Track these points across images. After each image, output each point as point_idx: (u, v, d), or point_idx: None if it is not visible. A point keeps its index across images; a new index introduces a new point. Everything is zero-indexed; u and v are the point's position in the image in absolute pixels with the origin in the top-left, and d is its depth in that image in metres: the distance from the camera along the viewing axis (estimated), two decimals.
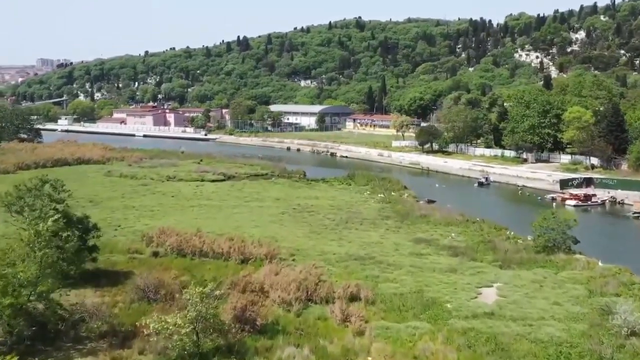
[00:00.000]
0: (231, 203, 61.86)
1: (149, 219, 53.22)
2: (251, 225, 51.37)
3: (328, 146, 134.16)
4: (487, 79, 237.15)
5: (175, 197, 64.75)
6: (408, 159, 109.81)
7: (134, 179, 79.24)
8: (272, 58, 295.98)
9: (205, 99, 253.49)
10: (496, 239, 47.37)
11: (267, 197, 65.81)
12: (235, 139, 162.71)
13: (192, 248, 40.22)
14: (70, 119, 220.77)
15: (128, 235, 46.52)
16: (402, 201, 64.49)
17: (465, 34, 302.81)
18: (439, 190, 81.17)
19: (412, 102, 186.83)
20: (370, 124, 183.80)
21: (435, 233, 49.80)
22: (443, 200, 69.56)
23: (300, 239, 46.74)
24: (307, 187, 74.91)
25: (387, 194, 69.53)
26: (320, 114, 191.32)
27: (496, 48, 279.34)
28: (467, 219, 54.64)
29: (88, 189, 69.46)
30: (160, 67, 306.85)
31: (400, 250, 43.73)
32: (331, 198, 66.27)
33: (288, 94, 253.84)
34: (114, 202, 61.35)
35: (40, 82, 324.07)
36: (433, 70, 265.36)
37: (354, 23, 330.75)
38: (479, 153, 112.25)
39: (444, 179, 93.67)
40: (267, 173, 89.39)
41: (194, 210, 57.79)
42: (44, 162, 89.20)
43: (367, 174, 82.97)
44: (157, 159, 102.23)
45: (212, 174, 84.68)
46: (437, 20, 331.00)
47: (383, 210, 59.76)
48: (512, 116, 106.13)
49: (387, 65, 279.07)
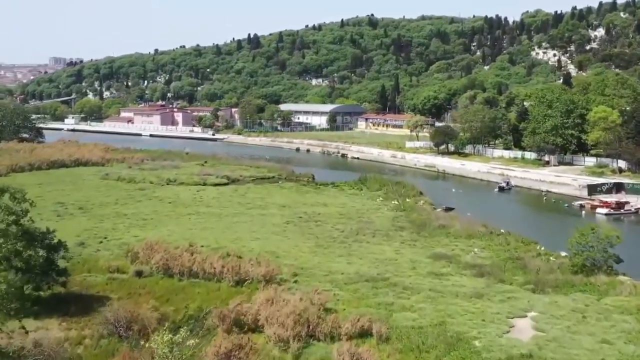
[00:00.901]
0: (232, 211, 56.97)
1: (139, 229, 48.45)
2: (251, 237, 46.46)
3: (339, 147, 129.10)
4: (503, 78, 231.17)
5: (173, 204, 59.96)
6: (423, 161, 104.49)
7: (132, 182, 74.63)
8: (283, 56, 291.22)
9: (214, 98, 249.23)
10: (525, 255, 42.08)
11: (271, 204, 60.88)
12: (243, 139, 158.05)
13: (181, 267, 35.31)
14: (78, 118, 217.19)
15: (113, 249, 41.74)
16: (417, 209, 59.29)
17: (481, 31, 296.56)
18: (456, 195, 75.90)
19: (426, 101, 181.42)
20: (382, 124, 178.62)
21: (455, 247, 44.61)
22: (462, 208, 64.40)
23: (305, 254, 41.73)
24: (315, 192, 69.88)
25: (401, 200, 64.37)
26: (332, 113, 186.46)
27: (512, 46, 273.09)
28: (490, 231, 49.35)
29: (81, 193, 64.91)
30: (169, 66, 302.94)
31: (418, 269, 38.61)
32: (341, 205, 61.21)
33: (299, 92, 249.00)
34: (105, 209, 56.66)
35: (50, 80, 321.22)
36: (447, 68, 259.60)
37: (366, 21, 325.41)
38: (498, 155, 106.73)
39: (461, 182, 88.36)
40: (273, 176, 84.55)
41: (191, 219, 52.94)
42: (39, 164, 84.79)
43: (380, 178, 77.74)
44: (160, 161, 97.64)
45: (215, 177, 79.91)
46: (451, 18, 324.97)
47: (397, 219, 54.62)
48: (533, 116, 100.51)
49: (400, 64, 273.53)
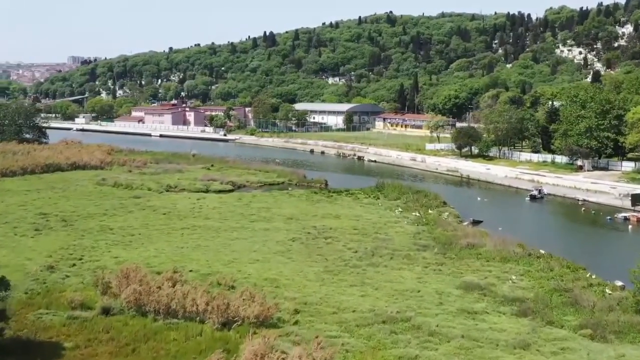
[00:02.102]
0: (232, 224, 50.60)
1: (123, 247, 42.25)
2: (250, 258, 40.04)
3: (355, 149, 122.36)
4: (526, 76, 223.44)
5: (167, 215, 53.75)
6: (445, 165, 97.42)
7: (129, 189, 68.71)
8: (299, 54, 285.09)
9: (229, 97, 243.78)
10: (574, 285, 35.19)
11: (277, 216, 54.42)
12: (255, 140, 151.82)
13: (157, 303, 28.94)
14: (88, 117, 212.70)
15: (85, 274, 35.54)
16: (441, 222, 52.49)
17: (502, 28, 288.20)
18: (482, 205, 68.87)
19: (446, 101, 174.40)
20: (401, 124, 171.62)
21: (489, 274, 37.79)
22: (490, 220, 57.47)
23: (311, 283, 35.20)
24: (328, 201, 63.30)
25: (423, 211, 57.64)
26: (348, 113, 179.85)
27: (535, 43, 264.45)
28: (528, 252, 42.38)
29: (69, 202, 58.99)
30: (184, 64, 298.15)
31: (446, 305, 31.93)
32: (355, 217, 54.59)
33: (315, 91, 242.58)
34: (90, 221, 50.57)
35: (63, 79, 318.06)
36: (468, 66, 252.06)
37: (384, 18, 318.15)
38: (525, 158, 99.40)
39: (486, 189, 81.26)
40: (283, 182, 78.52)
41: (184, 235, 46.62)
42: (32, 168, 79.10)
43: (399, 185, 70.90)
44: (164, 163, 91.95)
45: (219, 183, 73.94)
46: (472, 15, 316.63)
47: (419, 235, 47.90)
48: (565, 117, 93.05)
49: (420, 62, 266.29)
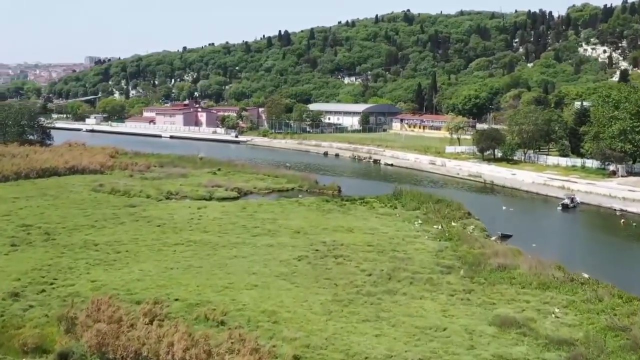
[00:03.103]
0: (232, 239, 45.26)
1: (104, 268, 37.12)
2: (247, 283, 34.70)
3: (371, 151, 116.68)
4: (548, 76, 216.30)
5: (161, 228, 48.55)
6: (466, 170, 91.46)
7: (126, 196, 63.78)
8: (314, 53, 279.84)
9: (242, 97, 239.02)
10: (631, 322, 29.40)
11: (283, 229, 49.04)
12: (268, 142, 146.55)
13: (124, 350, 23.71)
14: (100, 117, 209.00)
15: (53, 303, 30.42)
16: (467, 237, 46.76)
17: (523, 26, 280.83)
18: (509, 215, 63.00)
19: (466, 101, 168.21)
20: (419, 125, 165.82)
21: (526, 305, 32.11)
22: (521, 234, 51.75)
23: (316, 317, 29.74)
24: (340, 210, 57.80)
25: (445, 223, 52.00)
26: (364, 113, 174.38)
27: (558, 42, 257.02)
28: (571, 277, 36.54)
29: (58, 211, 54.07)
30: (197, 64, 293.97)
31: (478, 349, 26.33)
32: (370, 231, 49.03)
33: (330, 91, 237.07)
34: (75, 235, 45.54)
35: (77, 79, 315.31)
36: (488, 66, 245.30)
37: (402, 16, 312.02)
38: (552, 162, 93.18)
39: (512, 197, 75.28)
40: (293, 188, 73.27)
41: (176, 252, 41.36)
42: (27, 172, 74.53)
43: (418, 193, 65.10)
44: (169, 167, 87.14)
45: (224, 189, 68.82)
46: (491, 13, 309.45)
47: (442, 254, 42.25)
48: (596, 118, 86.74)
49: (438, 61, 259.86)
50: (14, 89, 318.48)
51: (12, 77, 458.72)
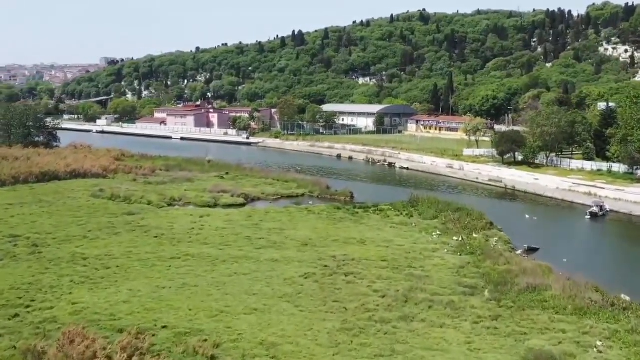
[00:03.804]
0: (234, 252, 41.59)
1: (89, 287, 33.59)
2: (246, 306, 30.96)
3: (385, 154, 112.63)
4: (568, 76, 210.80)
5: (159, 239, 44.99)
6: (486, 174, 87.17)
7: (126, 202, 60.36)
8: (328, 54, 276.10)
9: (255, 98, 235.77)
10: None
11: (290, 240, 45.29)
12: (279, 144, 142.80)
13: None
14: (111, 118, 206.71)
15: (24, 331, 26.88)
16: (490, 251, 42.73)
17: (542, 26, 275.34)
18: (533, 224, 58.85)
19: (484, 102, 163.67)
20: (435, 127, 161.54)
21: (563, 335, 28.07)
22: (548, 247, 47.73)
23: (321, 350, 25.91)
24: (352, 219, 53.97)
25: (466, 235, 48.01)
26: (379, 114, 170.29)
27: (577, 41, 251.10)
28: (610, 301, 32.44)
29: (52, 220, 50.74)
30: (210, 64, 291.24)
31: None
32: (384, 243, 45.17)
33: (344, 92, 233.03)
34: (65, 247, 42.10)
35: (90, 79, 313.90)
36: (505, 66, 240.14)
37: (417, 16, 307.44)
38: (576, 167, 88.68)
39: (535, 203, 70.98)
40: (303, 194, 69.51)
41: (172, 268, 37.74)
42: (25, 177, 71.35)
43: (436, 200, 60.99)
44: (175, 171, 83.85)
45: (230, 195, 65.20)
46: (509, 12, 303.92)
47: (463, 271, 38.30)
48: (624, 120, 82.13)
49: (454, 61, 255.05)
50: (27, 90, 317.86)
51: (28, 78, 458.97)
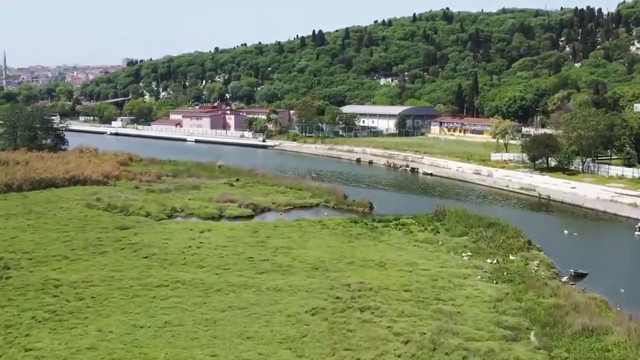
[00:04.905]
0: (232, 278, 35.78)
1: (51, 327, 27.99)
2: (237, 355, 25.15)
3: (407, 158, 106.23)
4: (598, 76, 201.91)
5: (148, 260, 39.38)
6: (517, 181, 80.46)
7: (123, 213, 55.18)
8: (349, 54, 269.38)
9: (274, 99, 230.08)
10: None
11: (299, 262, 39.41)
12: (296, 147, 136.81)
13: None
14: (127, 120, 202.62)
15: None
16: (531, 279, 36.46)
17: (570, 24, 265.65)
18: (573, 241, 52.31)
19: (511, 103, 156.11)
20: (459, 129, 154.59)
21: None
22: (596, 272, 41.28)
23: None
24: (371, 236, 47.91)
25: (501, 256, 41.76)
26: (401, 116, 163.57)
27: (608, 40, 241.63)
28: None
29: (35, 235, 45.53)
30: (229, 64, 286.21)
31: None
32: (407, 266, 39.08)
33: (365, 93, 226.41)
34: (39, 270, 36.69)
35: (108, 80, 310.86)
36: (532, 65, 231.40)
37: (441, 15, 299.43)
38: (615, 173, 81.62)
39: (574, 215, 64.24)
40: (317, 203, 63.72)
41: (157, 298, 32.03)
42: (19, 184, 66.37)
43: (465, 213, 54.45)
44: (183, 177, 78.62)
45: (237, 205, 59.59)
46: (536, 10, 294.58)
47: (502, 305, 32.08)
48: None
49: (479, 61, 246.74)
50: (46, 91, 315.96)
51: (50, 79, 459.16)
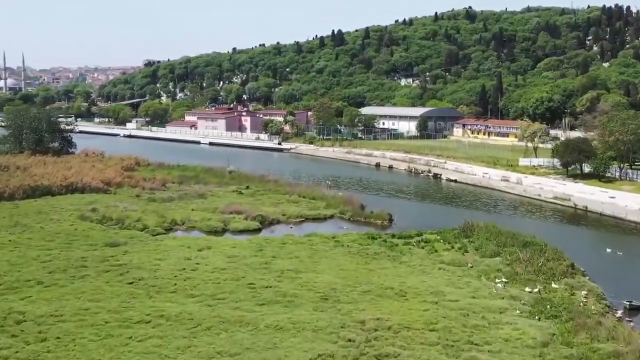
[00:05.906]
0: (226, 311, 30.46)
1: None
2: None
3: (430, 163, 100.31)
4: (628, 76, 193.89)
5: (133, 287, 34.24)
6: (550, 190, 74.26)
7: (117, 226, 50.39)
8: (369, 54, 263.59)
9: (292, 100, 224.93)
10: None
11: (306, 290, 34.01)
12: (313, 150, 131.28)
13: None
14: (142, 121, 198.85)
15: None
16: (580, 314, 30.72)
17: (597, 23, 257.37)
18: (617, 261, 46.22)
19: (538, 104, 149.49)
20: (483, 131, 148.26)
21: None
22: None
23: None
24: (390, 256, 42.33)
25: (542, 283, 36.02)
26: (423, 117, 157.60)
27: (637, 39, 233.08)
28: None
29: (13, 253, 40.81)
30: (247, 65, 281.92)
31: None
32: (431, 296, 33.49)
33: (385, 94, 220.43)
34: (5, 299, 31.71)
35: (125, 81, 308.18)
36: (558, 65, 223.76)
37: (463, 13, 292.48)
38: None
39: (615, 230, 58.04)
40: (332, 215, 58.39)
41: (133, 339, 26.77)
42: (12, 192, 61.84)
43: (496, 229, 48.55)
44: (190, 184, 73.74)
45: (243, 217, 54.43)
46: (561, 9, 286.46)
47: (549, 352, 26.39)
48: None
49: (502, 61, 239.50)
50: (64, 92, 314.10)
51: (71, 80, 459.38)
